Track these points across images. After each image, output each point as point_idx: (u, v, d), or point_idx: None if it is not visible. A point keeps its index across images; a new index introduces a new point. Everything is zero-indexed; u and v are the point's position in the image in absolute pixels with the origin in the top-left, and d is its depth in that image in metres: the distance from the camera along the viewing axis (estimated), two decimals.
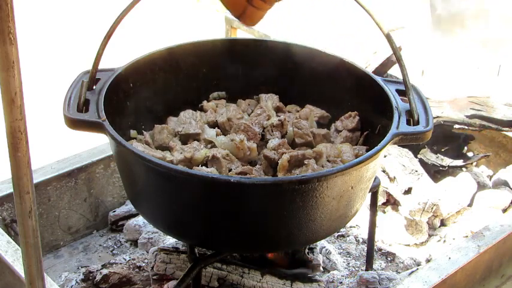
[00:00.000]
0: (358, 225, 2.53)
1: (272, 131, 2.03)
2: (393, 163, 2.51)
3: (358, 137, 2.02)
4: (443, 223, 2.56)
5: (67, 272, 2.27)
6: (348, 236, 2.47)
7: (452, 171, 2.68)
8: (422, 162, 2.63)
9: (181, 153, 1.86)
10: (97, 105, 1.68)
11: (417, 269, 2.06)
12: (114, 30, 1.72)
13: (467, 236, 2.39)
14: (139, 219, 2.43)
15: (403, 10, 3.72)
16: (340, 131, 2.05)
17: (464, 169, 2.70)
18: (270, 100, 2.20)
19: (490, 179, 2.80)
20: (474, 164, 2.80)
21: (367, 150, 1.87)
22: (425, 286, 1.90)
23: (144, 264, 2.17)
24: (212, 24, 5.22)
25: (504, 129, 2.71)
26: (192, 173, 1.50)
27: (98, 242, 2.47)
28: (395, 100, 1.79)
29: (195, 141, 1.95)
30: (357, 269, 2.31)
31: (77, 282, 2.14)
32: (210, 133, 1.99)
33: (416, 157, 2.64)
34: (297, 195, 1.50)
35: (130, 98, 1.96)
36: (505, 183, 2.71)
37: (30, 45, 4.38)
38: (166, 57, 2.07)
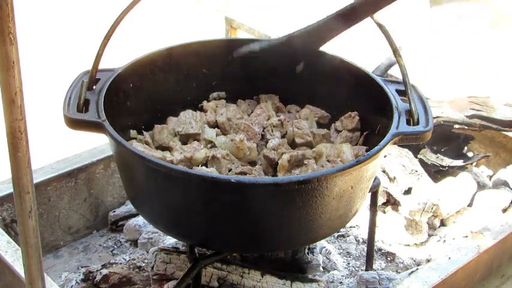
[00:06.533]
0: (358, 225, 2.52)
1: (272, 131, 2.03)
2: (393, 163, 2.51)
3: (358, 137, 2.02)
4: (443, 223, 2.56)
5: (67, 272, 2.27)
6: (348, 236, 2.47)
7: (452, 171, 2.68)
8: (422, 162, 2.63)
9: (181, 153, 1.86)
10: (97, 105, 1.68)
11: (417, 269, 2.05)
12: (114, 30, 1.72)
13: (467, 236, 2.39)
14: (139, 219, 2.43)
15: (403, 10, 3.72)
16: (340, 131, 2.05)
17: (464, 169, 2.70)
18: (270, 100, 2.20)
19: (490, 179, 2.80)
20: (474, 164, 2.79)
21: (367, 150, 1.87)
22: (425, 286, 1.90)
23: (144, 264, 2.17)
24: (212, 24, 5.22)
25: (504, 129, 2.71)
26: (192, 173, 1.50)
27: (98, 242, 2.47)
28: (395, 100, 1.79)
29: (195, 141, 1.95)
30: (357, 269, 2.31)
31: (77, 282, 2.14)
32: (210, 133, 1.99)
33: (416, 157, 2.64)
34: (297, 195, 1.50)
35: (130, 98, 1.96)
36: (505, 183, 2.71)
37: (30, 45, 4.38)
38: (166, 57, 2.07)
